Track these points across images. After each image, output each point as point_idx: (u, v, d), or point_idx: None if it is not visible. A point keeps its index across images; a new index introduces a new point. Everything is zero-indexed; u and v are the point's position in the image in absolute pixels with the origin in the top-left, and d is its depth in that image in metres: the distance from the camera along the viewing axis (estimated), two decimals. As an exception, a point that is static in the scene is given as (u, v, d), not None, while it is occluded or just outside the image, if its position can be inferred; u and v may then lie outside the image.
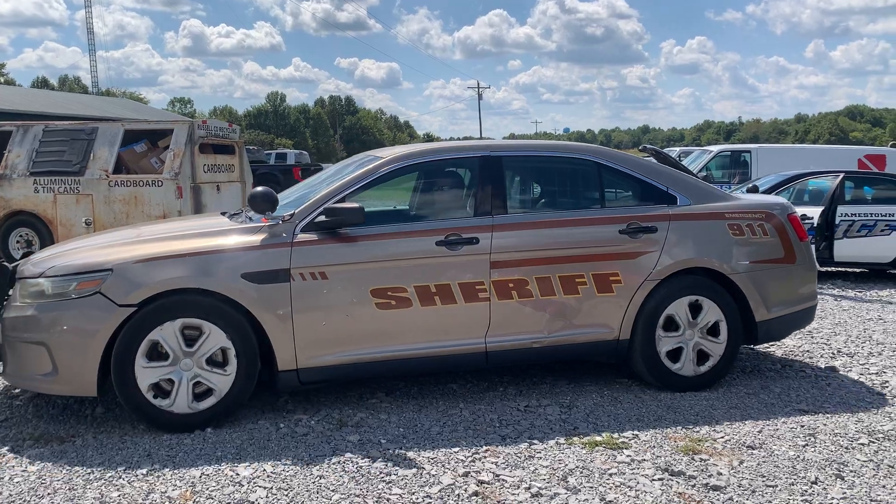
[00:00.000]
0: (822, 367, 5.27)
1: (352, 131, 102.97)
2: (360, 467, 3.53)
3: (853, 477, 3.45)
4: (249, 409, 4.35)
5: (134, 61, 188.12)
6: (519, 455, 3.69)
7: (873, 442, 3.86)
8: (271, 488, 3.31)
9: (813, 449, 3.77)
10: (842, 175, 9.15)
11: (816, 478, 3.43)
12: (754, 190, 8.22)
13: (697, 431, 4.02)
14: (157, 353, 3.92)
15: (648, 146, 11.87)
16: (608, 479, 3.41)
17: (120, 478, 3.42)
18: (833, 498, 3.24)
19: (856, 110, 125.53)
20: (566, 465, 3.57)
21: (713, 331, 4.68)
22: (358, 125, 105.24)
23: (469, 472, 3.48)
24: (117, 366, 3.86)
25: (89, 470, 3.50)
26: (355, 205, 4.18)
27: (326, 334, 4.14)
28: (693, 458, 3.64)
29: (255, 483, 3.37)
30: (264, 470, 3.50)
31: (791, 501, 3.21)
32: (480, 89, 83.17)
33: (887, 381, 4.87)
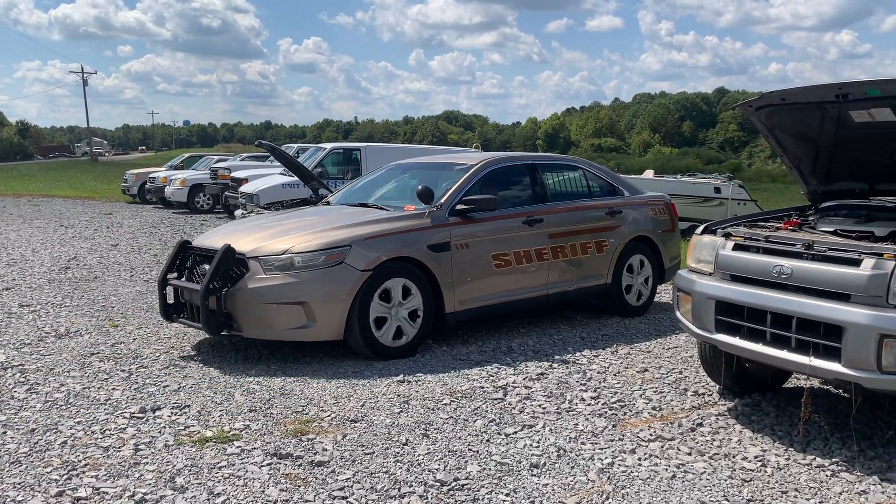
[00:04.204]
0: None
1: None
2: (-78, 509, 3.02)
3: (436, 433, 3.97)
4: None
5: None
6: (123, 464, 3.50)
7: (454, 401, 4.48)
8: None
9: (406, 414, 4.24)
10: None
11: (407, 439, 3.87)
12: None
13: (307, 414, 4.23)
14: (380, 322, 5.36)
15: (264, 142, 12.03)
16: (217, 473, 3.43)
17: None
18: (420, 454, 3.69)
19: (452, 115, 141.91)
20: (174, 465, 3.49)
21: (644, 273, 7.15)
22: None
23: (64, 491, 3.21)
24: (360, 316, 5.23)
25: None
26: (492, 195, 5.89)
27: (470, 287, 5.82)
28: (301, 440, 3.84)
29: None
30: None
31: (386, 464, 3.58)
32: (86, 74, 75.33)
33: (469, 351, 5.66)
